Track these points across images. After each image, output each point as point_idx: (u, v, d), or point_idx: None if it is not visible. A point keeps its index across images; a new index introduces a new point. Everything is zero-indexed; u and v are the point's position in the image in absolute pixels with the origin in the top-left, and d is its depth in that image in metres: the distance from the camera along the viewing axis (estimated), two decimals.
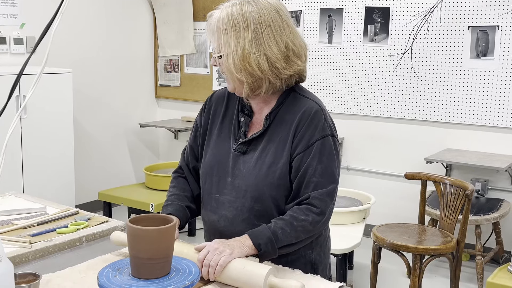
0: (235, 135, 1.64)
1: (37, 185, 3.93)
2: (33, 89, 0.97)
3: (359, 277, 3.65)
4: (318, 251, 1.67)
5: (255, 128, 1.63)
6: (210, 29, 1.55)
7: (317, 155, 1.54)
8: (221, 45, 1.54)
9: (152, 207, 3.86)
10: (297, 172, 1.55)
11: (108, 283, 1.11)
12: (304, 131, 1.55)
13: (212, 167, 1.64)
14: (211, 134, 1.69)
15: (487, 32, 3.80)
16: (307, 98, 1.62)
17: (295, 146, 1.55)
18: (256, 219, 1.57)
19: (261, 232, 1.49)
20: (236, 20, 1.51)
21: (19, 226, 1.78)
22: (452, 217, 3.00)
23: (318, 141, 1.55)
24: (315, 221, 1.53)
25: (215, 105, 1.72)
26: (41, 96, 3.82)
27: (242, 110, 1.66)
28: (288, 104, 1.61)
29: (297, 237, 1.53)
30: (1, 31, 4.20)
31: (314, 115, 1.57)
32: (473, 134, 3.95)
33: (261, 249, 1.47)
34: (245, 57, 1.51)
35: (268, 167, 1.55)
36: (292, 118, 1.58)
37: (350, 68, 4.37)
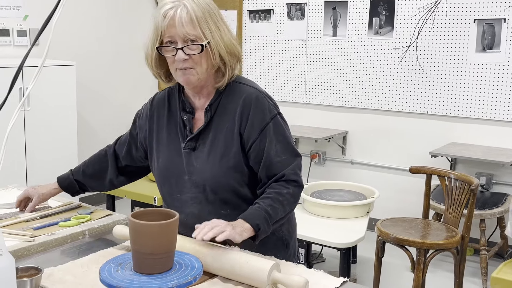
0: (182, 134, 1.65)
1: (40, 178, 3.92)
2: (35, 81, 0.95)
3: (362, 271, 3.65)
4: (287, 227, 1.72)
5: (199, 123, 1.65)
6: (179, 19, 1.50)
7: (274, 136, 1.58)
8: (205, 33, 1.52)
9: (156, 200, 3.85)
10: (259, 158, 1.58)
11: (110, 278, 1.10)
12: (252, 118, 1.58)
13: (167, 168, 1.67)
14: (159, 138, 1.70)
15: (493, 25, 3.77)
16: (244, 85, 1.64)
17: (248, 135, 1.58)
18: (222, 209, 1.60)
19: (255, 214, 1.52)
20: (206, 8, 1.54)
21: (21, 220, 1.77)
22: (456, 212, 2.99)
23: (269, 123, 1.59)
24: (296, 193, 1.60)
25: (157, 110, 1.73)
26: (45, 88, 3.81)
27: (183, 109, 1.66)
28: (227, 94, 1.63)
29: (284, 210, 1.57)
30: (4, 23, 4.18)
31: (256, 100, 1.59)
32: (478, 128, 3.92)
33: (260, 229, 1.50)
34: (229, 42, 1.56)
35: (220, 158, 1.58)
36: (234, 106, 1.60)
37: (355, 61, 4.34)
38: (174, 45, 1.53)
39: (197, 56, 1.53)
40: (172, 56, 1.54)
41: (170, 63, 1.58)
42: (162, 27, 1.53)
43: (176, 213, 1.15)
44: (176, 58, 1.53)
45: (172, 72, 1.60)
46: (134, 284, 1.08)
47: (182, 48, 1.52)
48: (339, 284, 1.42)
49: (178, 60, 1.53)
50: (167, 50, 1.55)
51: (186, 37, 1.52)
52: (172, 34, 1.52)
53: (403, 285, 3.42)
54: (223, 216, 1.58)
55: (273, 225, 1.55)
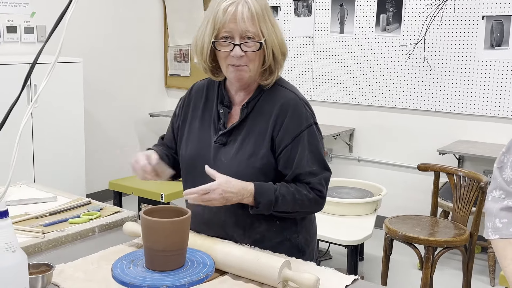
0: (215, 127, 1.64)
1: (47, 175, 3.94)
2: (48, 78, 0.95)
3: (369, 268, 3.64)
4: (304, 235, 1.69)
5: (234, 119, 1.64)
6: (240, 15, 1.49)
7: (307, 145, 1.57)
8: (263, 31, 1.52)
9: (163, 197, 3.86)
10: (289, 164, 1.57)
11: (123, 275, 1.10)
12: (288, 123, 1.57)
13: (194, 158, 1.65)
14: (192, 127, 1.69)
15: (502, 21, 3.75)
16: (285, 88, 1.64)
17: (280, 139, 1.57)
18: (240, 208, 1.58)
19: (266, 193, 1.52)
20: (264, 5, 1.54)
21: (31, 216, 1.77)
22: (465, 209, 2.98)
23: (304, 131, 1.58)
24: (315, 200, 1.58)
25: (194, 99, 1.72)
26: (52, 85, 3.81)
27: (221, 102, 1.66)
28: (267, 94, 1.62)
29: (293, 208, 1.56)
30: (12, 20, 4.19)
31: (295, 106, 1.59)
32: (486, 126, 3.91)
33: (258, 207, 1.52)
34: (281, 41, 1.57)
35: (248, 157, 1.56)
36: (271, 109, 1.59)
37: (362, 58, 4.33)
38: (231, 41, 1.52)
39: (252, 53, 1.53)
40: (227, 51, 1.53)
41: (223, 58, 1.55)
42: (221, 21, 1.50)
43: (188, 210, 1.14)
44: (232, 54, 1.52)
45: (223, 67, 1.58)
46: (147, 281, 1.08)
47: (240, 45, 1.51)
48: (350, 282, 1.42)
49: (234, 56, 1.52)
50: (223, 45, 1.53)
51: (244, 33, 1.51)
52: (230, 29, 1.51)
53: (411, 283, 3.41)
54: (240, 215, 1.59)
55: (274, 213, 1.55)
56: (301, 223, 1.67)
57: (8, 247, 1.12)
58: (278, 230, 1.63)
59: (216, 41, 1.53)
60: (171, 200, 3.91)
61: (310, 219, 1.73)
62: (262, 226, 1.61)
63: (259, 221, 1.60)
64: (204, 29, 1.55)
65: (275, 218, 1.61)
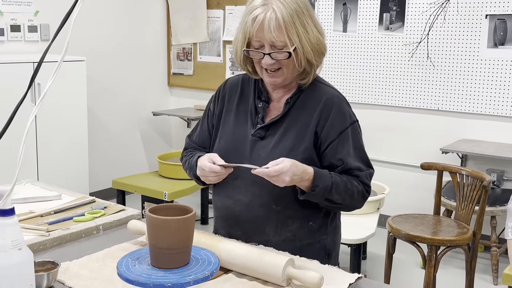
0: (252, 121, 1.64)
1: (51, 173, 3.95)
2: (54, 77, 0.96)
3: (372, 267, 3.64)
4: (332, 238, 1.69)
5: (272, 114, 1.64)
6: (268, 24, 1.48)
7: (352, 142, 1.59)
8: (292, 39, 1.51)
9: (166, 196, 3.87)
10: (335, 159, 1.57)
11: (128, 272, 1.11)
12: (333, 119, 1.58)
13: (227, 152, 1.64)
14: (226, 121, 1.69)
15: (505, 20, 3.74)
16: (326, 85, 1.66)
17: (325, 134, 1.57)
18: (274, 204, 1.58)
19: (323, 177, 1.52)
20: (295, 9, 1.51)
21: (36, 214, 1.78)
22: (468, 208, 2.98)
23: (348, 127, 1.59)
24: (363, 193, 1.59)
25: (229, 92, 1.72)
26: (55, 84, 3.80)
27: (259, 97, 1.66)
28: (308, 90, 1.63)
29: (343, 198, 1.55)
30: (15, 18, 4.20)
31: (339, 103, 1.60)
32: (489, 124, 3.91)
33: (314, 191, 1.50)
34: (316, 42, 1.55)
35: (288, 151, 1.55)
36: (314, 104, 1.60)
37: (365, 57, 4.33)
38: (261, 50, 1.53)
39: (285, 60, 1.53)
40: (259, 59, 1.55)
41: (257, 63, 1.58)
42: (251, 31, 1.52)
43: (193, 208, 1.15)
44: (262, 63, 1.54)
45: (258, 71, 1.60)
46: (152, 279, 1.09)
47: (270, 54, 1.52)
48: (353, 280, 1.42)
49: (264, 64, 1.54)
50: (254, 53, 1.55)
51: (273, 42, 1.51)
52: (259, 39, 1.52)
53: (414, 282, 3.42)
54: (273, 211, 1.59)
55: (325, 201, 1.54)
56: (330, 225, 1.67)
57: (15, 244, 1.13)
58: (309, 231, 1.62)
59: (247, 50, 1.55)
60: (174, 198, 3.92)
61: (337, 224, 1.72)
62: (295, 224, 1.60)
63: (292, 219, 1.60)
64: (237, 36, 1.58)
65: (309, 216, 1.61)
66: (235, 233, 1.64)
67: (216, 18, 5.09)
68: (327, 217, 1.66)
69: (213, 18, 5.11)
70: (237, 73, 5.00)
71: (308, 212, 1.61)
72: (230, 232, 1.65)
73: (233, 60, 5.04)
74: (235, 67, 5.04)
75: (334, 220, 1.69)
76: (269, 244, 1.60)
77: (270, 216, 1.59)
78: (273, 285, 1.37)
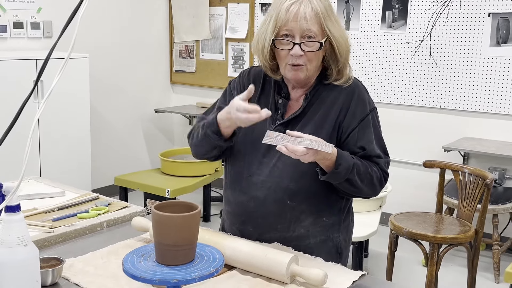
0: (272, 117, 1.61)
1: (54, 170, 3.96)
2: (60, 75, 0.96)
3: (374, 264, 3.65)
4: (344, 237, 1.69)
5: (291, 110, 1.64)
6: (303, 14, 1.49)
7: (372, 129, 1.60)
8: (330, 29, 1.52)
9: (168, 193, 3.87)
10: (356, 146, 1.57)
11: (133, 269, 1.11)
12: (354, 107, 1.59)
13: (245, 146, 1.63)
14: None
15: (508, 19, 3.74)
16: None
17: (347, 123, 1.57)
18: (289, 199, 1.58)
19: (346, 157, 1.51)
20: (327, 3, 1.54)
21: (40, 211, 1.79)
22: (470, 206, 2.98)
23: (368, 114, 1.60)
24: (381, 179, 1.59)
25: (252, 82, 1.66)
26: (58, 81, 3.83)
27: (279, 92, 1.65)
28: (327, 87, 1.62)
29: (362, 181, 1.54)
30: (18, 15, 4.20)
31: (359, 91, 1.61)
32: (491, 123, 3.91)
33: (337, 169, 1.48)
34: (344, 39, 1.56)
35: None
36: (334, 97, 1.60)
37: (368, 55, 4.33)
38: (291, 39, 1.52)
39: (311, 53, 1.53)
40: (287, 50, 1.53)
41: (282, 57, 1.55)
42: (283, 20, 1.51)
43: (198, 205, 1.15)
44: (291, 53, 1.52)
45: (281, 66, 1.58)
46: (157, 275, 1.09)
47: (300, 44, 1.51)
48: (357, 278, 1.43)
49: (293, 55, 1.52)
50: (283, 43, 1.53)
51: (305, 32, 1.51)
52: (291, 28, 1.51)
53: (416, 279, 3.42)
54: (288, 206, 1.58)
55: (345, 182, 1.52)
56: (343, 223, 1.67)
57: (21, 241, 1.13)
58: (323, 227, 1.62)
59: (276, 39, 1.53)
60: (176, 195, 3.93)
61: (350, 223, 1.72)
62: (308, 220, 1.60)
63: (306, 214, 1.60)
64: (266, 27, 1.55)
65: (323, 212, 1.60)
66: (247, 229, 1.63)
67: (218, 16, 5.09)
68: (341, 215, 1.66)
69: (216, 15, 5.11)
70: (239, 70, 5.00)
71: (322, 208, 1.61)
72: (241, 229, 1.65)
73: (235, 57, 5.04)
74: (237, 65, 5.05)
75: (347, 219, 1.69)
76: (281, 240, 1.59)
77: (284, 212, 1.59)
78: (277, 282, 1.37)
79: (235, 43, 5.02)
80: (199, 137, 1.62)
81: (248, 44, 4.93)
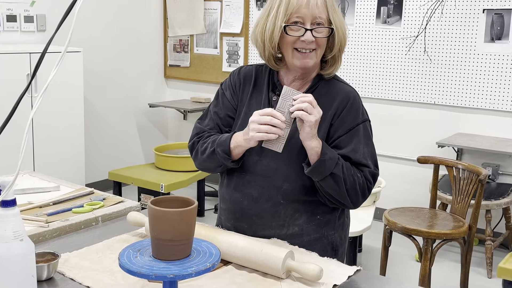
0: None
1: (47, 164, 3.94)
2: (56, 69, 0.96)
3: (367, 259, 3.67)
4: (339, 234, 1.69)
5: None
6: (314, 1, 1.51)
7: (362, 139, 1.58)
8: (335, 19, 1.55)
9: (162, 188, 3.87)
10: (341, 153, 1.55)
11: (130, 264, 1.11)
12: (346, 114, 1.58)
13: None
14: (239, 112, 1.67)
15: (502, 15, 3.75)
16: (343, 83, 1.66)
17: (335, 129, 1.58)
18: (282, 199, 1.58)
19: (331, 150, 1.52)
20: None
21: (35, 205, 1.78)
22: (464, 202, 3.00)
23: (359, 125, 1.59)
24: (363, 187, 1.56)
25: (243, 83, 1.69)
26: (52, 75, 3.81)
27: (273, 90, 1.65)
28: (323, 86, 1.63)
29: (345, 182, 1.52)
30: (12, 8, 4.17)
31: (354, 99, 1.61)
32: (485, 119, 3.92)
33: (324, 158, 1.48)
34: (345, 31, 1.60)
35: (301, 145, 1.53)
36: (330, 100, 1.59)
37: (362, 51, 4.33)
38: (302, 25, 1.53)
39: (322, 39, 1.54)
40: (297, 36, 1.53)
41: (290, 43, 1.55)
42: (294, 7, 1.51)
43: (195, 200, 1.15)
44: (303, 39, 1.52)
45: (288, 53, 1.57)
46: (154, 270, 1.09)
47: (311, 30, 1.52)
48: (352, 273, 1.43)
49: (305, 41, 1.52)
50: (293, 30, 1.54)
51: (316, 19, 1.52)
52: (301, 15, 1.52)
53: (409, 274, 3.44)
54: (281, 205, 1.58)
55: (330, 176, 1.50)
56: (339, 221, 1.67)
57: (16, 235, 1.13)
58: (317, 225, 1.62)
59: (288, 26, 1.53)
60: (170, 190, 3.92)
61: (346, 221, 1.72)
62: (302, 218, 1.60)
63: (300, 212, 1.60)
64: (275, 14, 1.54)
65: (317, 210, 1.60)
66: (241, 226, 1.64)
67: (213, 10, 5.07)
68: (336, 212, 1.66)
69: (210, 10, 5.09)
70: (233, 65, 5.00)
71: (316, 206, 1.61)
72: (235, 225, 1.65)
73: (230, 52, 5.03)
74: (232, 60, 5.04)
75: (342, 216, 1.69)
76: (275, 238, 1.60)
77: (278, 211, 1.59)
78: (273, 277, 1.38)
79: (229, 38, 5.01)
80: (207, 153, 1.61)
81: (243, 39, 4.93)
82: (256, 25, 1.61)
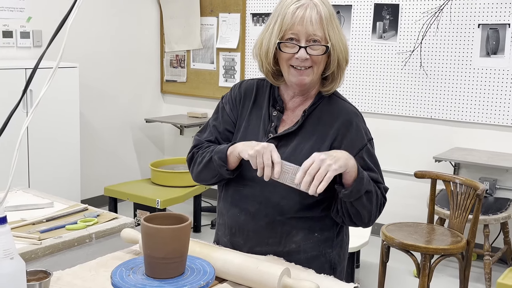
0: (264, 129, 1.60)
1: (42, 180, 3.92)
2: (48, 84, 0.94)
3: (365, 275, 3.63)
4: (338, 252, 1.66)
5: (286, 124, 1.61)
6: (309, 18, 1.49)
7: (369, 158, 1.57)
8: (330, 36, 1.52)
9: (158, 203, 3.84)
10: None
11: (122, 283, 1.09)
12: (353, 136, 1.56)
13: None
14: (238, 127, 1.66)
15: (497, 30, 3.77)
16: (344, 101, 1.64)
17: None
18: (279, 215, 1.56)
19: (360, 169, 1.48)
20: (331, 9, 1.54)
21: (28, 222, 1.76)
22: (461, 217, 2.98)
23: (366, 145, 1.58)
24: (380, 204, 1.55)
25: (244, 98, 1.67)
26: (47, 90, 3.79)
27: (273, 105, 1.63)
28: (325, 103, 1.61)
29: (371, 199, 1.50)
30: (8, 24, 4.18)
31: (358, 120, 1.59)
32: (482, 133, 3.92)
33: (359, 176, 1.44)
34: (346, 47, 1.57)
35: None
36: (331, 120, 1.57)
37: (358, 65, 4.34)
38: (296, 43, 1.51)
39: (317, 57, 1.52)
40: (292, 53, 1.52)
41: (285, 60, 1.53)
42: (289, 23, 1.50)
43: (189, 217, 1.14)
44: (297, 56, 1.50)
45: (284, 70, 1.56)
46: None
47: (306, 47, 1.50)
48: None
49: (299, 58, 1.50)
50: (288, 46, 1.52)
51: (310, 36, 1.50)
52: (296, 32, 1.50)
53: None
54: (278, 222, 1.55)
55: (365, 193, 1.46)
56: (337, 238, 1.64)
57: (6, 254, 1.10)
58: (315, 242, 1.59)
59: (282, 42, 1.52)
60: (166, 206, 3.90)
61: (344, 239, 1.68)
62: (299, 235, 1.57)
63: (297, 229, 1.57)
64: (271, 31, 1.54)
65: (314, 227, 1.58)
66: (237, 241, 1.61)
67: (209, 26, 5.09)
68: (334, 230, 1.63)
69: (207, 25, 5.11)
70: (230, 80, 5.00)
71: (314, 224, 1.58)
72: (232, 241, 1.63)
73: (226, 67, 5.04)
74: (229, 75, 5.04)
75: (341, 233, 1.66)
76: (271, 254, 1.57)
77: (275, 227, 1.57)
78: None
79: (226, 53, 5.02)
80: (204, 161, 1.60)
81: (239, 54, 4.93)
82: (257, 41, 1.61)
